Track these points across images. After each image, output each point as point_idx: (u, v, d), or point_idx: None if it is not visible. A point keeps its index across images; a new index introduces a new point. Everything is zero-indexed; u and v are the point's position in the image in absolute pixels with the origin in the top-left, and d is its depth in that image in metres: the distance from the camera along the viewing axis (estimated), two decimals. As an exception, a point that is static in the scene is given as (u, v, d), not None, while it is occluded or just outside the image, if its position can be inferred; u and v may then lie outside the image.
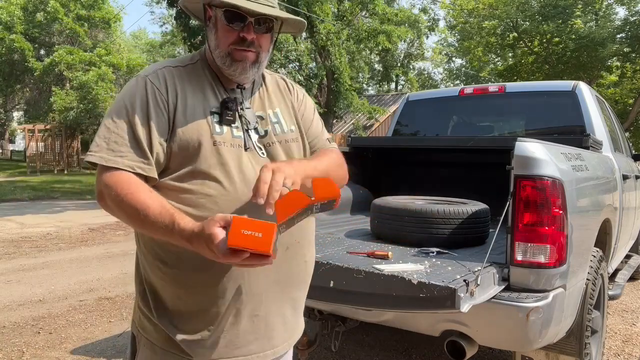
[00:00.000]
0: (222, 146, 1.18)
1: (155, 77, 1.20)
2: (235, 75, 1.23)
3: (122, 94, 1.20)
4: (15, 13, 21.67)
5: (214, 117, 1.21)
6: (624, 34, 17.36)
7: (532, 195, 1.84)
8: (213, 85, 1.26)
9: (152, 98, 1.17)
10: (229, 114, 1.22)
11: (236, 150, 1.20)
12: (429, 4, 26.60)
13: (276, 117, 1.32)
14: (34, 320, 3.77)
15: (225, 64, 1.21)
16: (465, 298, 1.60)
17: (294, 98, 1.40)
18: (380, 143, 4.37)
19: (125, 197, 1.08)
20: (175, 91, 1.20)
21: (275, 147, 1.27)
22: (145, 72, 1.23)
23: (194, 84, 1.23)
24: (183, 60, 1.30)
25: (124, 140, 1.14)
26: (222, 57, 1.21)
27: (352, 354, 3.12)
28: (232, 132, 1.22)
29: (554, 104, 3.63)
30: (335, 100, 14.57)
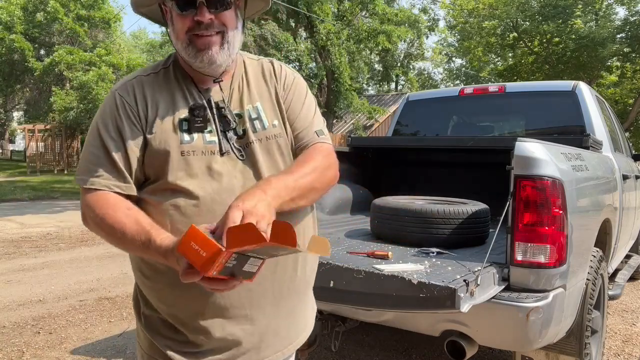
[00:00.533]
0: (191, 156, 1.13)
1: (124, 89, 1.17)
2: (205, 66, 1.14)
3: (98, 111, 1.19)
4: (15, 13, 21.66)
5: (183, 125, 1.15)
6: (624, 34, 17.36)
7: (532, 195, 1.84)
8: (184, 89, 1.19)
9: (122, 112, 1.14)
10: (197, 121, 1.15)
11: (208, 158, 1.14)
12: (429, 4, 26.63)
13: (256, 113, 1.21)
14: (34, 320, 3.77)
15: (190, 55, 1.13)
16: (465, 298, 1.60)
17: (279, 85, 1.27)
18: (380, 143, 4.37)
19: (103, 217, 1.08)
20: (145, 102, 1.15)
21: (253, 147, 1.18)
22: (116, 85, 1.20)
23: (164, 91, 1.18)
24: (156, 65, 1.24)
25: (99, 160, 1.12)
26: (185, 48, 1.13)
27: (352, 354, 3.12)
28: (204, 138, 1.15)
29: (554, 104, 3.64)
30: (335, 100, 14.57)
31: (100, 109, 1.18)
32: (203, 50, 1.12)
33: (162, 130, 1.14)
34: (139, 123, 1.14)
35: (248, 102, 1.22)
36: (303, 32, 15.18)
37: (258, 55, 1.34)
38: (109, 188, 1.11)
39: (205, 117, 1.16)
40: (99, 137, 1.14)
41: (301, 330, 1.33)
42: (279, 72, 1.29)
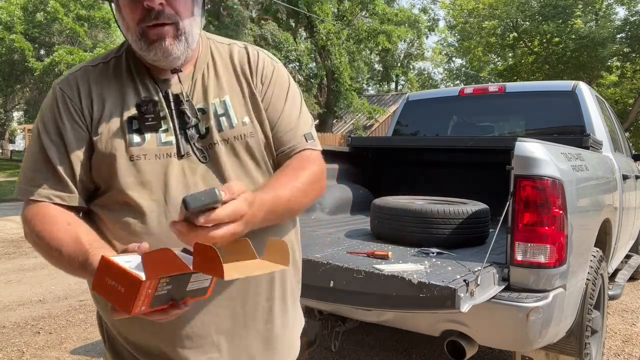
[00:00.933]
0: (142, 160, 0.96)
1: (67, 83, 1.00)
2: (159, 60, 0.97)
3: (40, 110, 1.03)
4: (15, 13, 21.66)
5: (133, 125, 0.98)
6: (624, 34, 17.37)
7: (532, 195, 1.84)
8: (137, 82, 1.01)
9: (64, 110, 0.98)
10: (148, 119, 0.98)
11: (163, 162, 0.97)
12: (429, 4, 26.63)
13: (223, 108, 1.02)
14: (34, 320, 3.76)
15: (142, 48, 0.96)
16: (465, 298, 1.60)
17: (255, 76, 1.07)
18: (380, 143, 4.37)
19: (40, 233, 0.92)
20: (90, 97, 0.99)
21: (218, 149, 1.00)
22: (59, 78, 1.05)
23: (113, 84, 1.01)
24: (107, 54, 1.07)
25: (39, 166, 0.97)
26: (137, 42, 0.96)
27: (352, 354, 3.12)
28: (159, 139, 0.98)
29: (554, 104, 3.64)
30: (335, 100, 14.59)
31: (41, 106, 1.03)
32: (156, 42, 0.95)
33: (109, 130, 0.97)
34: (83, 122, 0.98)
35: (215, 96, 1.03)
36: (303, 32, 15.18)
37: (230, 39, 1.15)
38: (50, 199, 0.96)
39: (157, 113, 0.98)
40: (38, 140, 0.99)
41: (285, 355, 1.14)
42: (254, 61, 1.08)
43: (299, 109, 1.11)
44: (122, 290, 0.73)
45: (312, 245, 2.20)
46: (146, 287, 0.72)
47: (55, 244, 0.90)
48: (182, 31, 0.97)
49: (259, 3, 13.92)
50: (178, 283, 0.76)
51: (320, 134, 15.44)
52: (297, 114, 1.09)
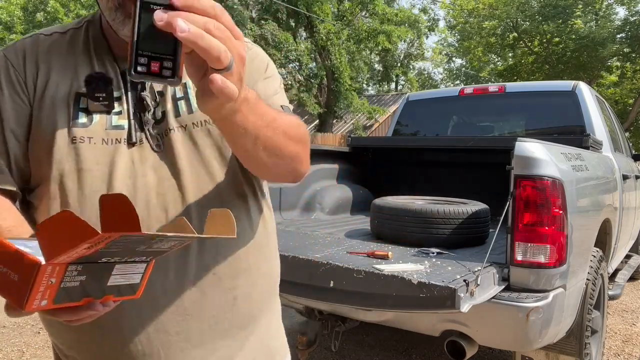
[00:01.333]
0: (85, 143, 0.82)
1: (13, 50, 0.88)
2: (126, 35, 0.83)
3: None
4: (15, 13, 21.68)
5: (80, 102, 0.84)
6: (624, 34, 17.38)
7: (532, 195, 1.84)
8: (92, 56, 0.88)
9: (4, 77, 0.84)
10: (98, 98, 0.84)
11: (110, 148, 0.83)
12: (429, 4, 26.64)
13: (183, 91, 0.90)
14: (34, 320, 3.76)
15: (117, 20, 0.81)
16: (465, 298, 1.60)
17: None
18: (380, 143, 4.37)
19: None
20: (36, 67, 0.86)
21: (173, 136, 0.86)
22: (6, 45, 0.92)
23: (65, 57, 0.87)
24: (65, 25, 0.94)
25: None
26: (111, 11, 0.81)
27: (352, 354, 3.12)
28: (109, 122, 0.84)
29: (554, 104, 3.64)
30: (335, 100, 14.59)
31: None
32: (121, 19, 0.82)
33: (52, 105, 0.83)
34: (25, 94, 0.84)
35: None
36: (303, 32, 15.19)
37: None
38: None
39: (109, 93, 0.85)
40: None
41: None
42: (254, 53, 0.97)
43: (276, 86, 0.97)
44: (15, 278, 0.55)
45: (312, 245, 2.20)
46: (47, 273, 0.53)
47: None
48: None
49: (259, 3, 13.92)
50: (94, 272, 0.58)
51: (320, 134, 15.47)
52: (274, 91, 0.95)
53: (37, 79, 0.85)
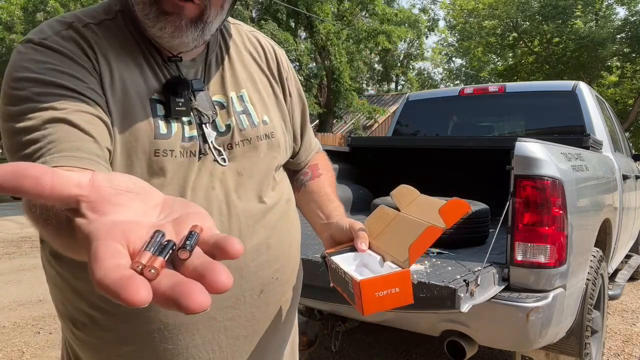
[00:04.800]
0: (168, 157, 0.76)
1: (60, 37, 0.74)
2: (164, 37, 0.76)
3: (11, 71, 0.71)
4: (15, 13, 21.67)
5: (157, 109, 0.76)
6: (624, 34, 17.37)
7: (532, 195, 1.84)
8: (147, 54, 0.79)
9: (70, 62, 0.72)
10: (179, 103, 0.77)
11: (185, 161, 0.78)
12: (429, 4, 26.62)
13: (242, 104, 0.86)
14: (34, 320, 3.76)
15: (149, 16, 0.74)
16: (465, 298, 1.60)
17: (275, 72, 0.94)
18: (380, 143, 4.37)
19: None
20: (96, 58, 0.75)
21: (239, 151, 0.84)
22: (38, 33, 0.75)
23: (120, 52, 0.77)
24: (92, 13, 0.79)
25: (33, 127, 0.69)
26: (145, 7, 0.74)
27: (352, 354, 3.12)
28: (184, 132, 0.78)
29: (554, 104, 3.64)
30: (335, 100, 14.59)
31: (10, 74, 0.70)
32: (170, 15, 0.74)
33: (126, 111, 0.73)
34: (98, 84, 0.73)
35: (232, 87, 0.86)
36: (303, 32, 15.18)
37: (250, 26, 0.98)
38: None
39: (187, 99, 0.78)
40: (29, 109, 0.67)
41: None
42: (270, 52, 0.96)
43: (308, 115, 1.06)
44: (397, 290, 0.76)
45: (312, 245, 2.20)
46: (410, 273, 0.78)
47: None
48: (205, 19, 0.76)
49: (259, 3, 13.92)
50: None
51: (320, 134, 15.47)
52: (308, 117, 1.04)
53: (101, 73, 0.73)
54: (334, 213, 0.98)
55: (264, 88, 0.92)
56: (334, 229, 0.94)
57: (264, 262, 0.87)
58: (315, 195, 1.03)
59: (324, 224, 0.97)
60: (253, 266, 0.85)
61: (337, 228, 0.92)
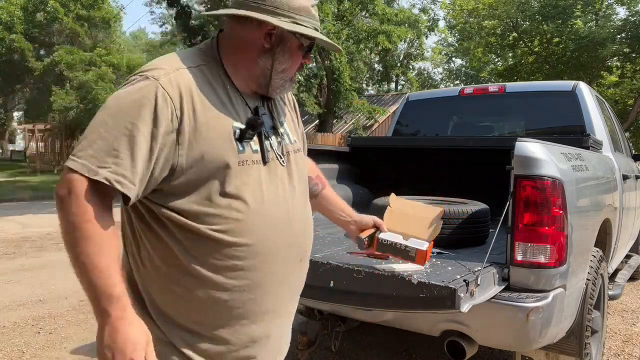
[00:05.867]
0: (246, 165, 1.11)
1: (169, 83, 1.04)
2: (279, 94, 1.24)
3: (126, 94, 1.02)
4: (15, 13, 21.66)
5: (236, 134, 1.11)
6: (624, 34, 17.36)
7: (532, 195, 1.84)
8: (230, 94, 1.14)
9: (162, 108, 1.01)
10: (250, 134, 1.12)
11: (257, 167, 1.13)
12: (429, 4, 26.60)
13: (283, 128, 1.26)
14: (34, 320, 3.77)
15: (285, 87, 1.21)
16: (465, 298, 1.60)
17: (291, 108, 1.38)
18: (380, 143, 4.37)
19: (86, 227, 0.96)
20: (192, 102, 1.05)
21: (289, 157, 1.23)
22: (155, 72, 1.05)
23: (212, 92, 1.10)
24: (193, 57, 1.14)
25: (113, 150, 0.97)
26: (285, 81, 1.20)
27: (352, 354, 3.12)
28: (251, 147, 1.13)
29: (554, 104, 3.64)
30: (335, 100, 14.58)
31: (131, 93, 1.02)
32: (290, 86, 1.25)
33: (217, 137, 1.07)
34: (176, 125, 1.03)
35: (277, 117, 1.27)
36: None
37: None
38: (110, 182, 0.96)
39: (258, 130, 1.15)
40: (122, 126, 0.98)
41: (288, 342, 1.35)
42: (291, 98, 1.40)
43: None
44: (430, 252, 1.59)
45: (312, 245, 2.20)
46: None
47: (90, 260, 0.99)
48: None
49: (259, 3, 13.90)
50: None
51: (320, 134, 15.47)
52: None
53: (194, 115, 1.05)
54: (351, 211, 1.62)
55: (292, 118, 1.35)
56: (359, 222, 1.62)
57: (306, 239, 1.29)
58: (332, 200, 1.58)
59: (347, 220, 1.61)
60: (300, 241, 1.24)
61: (361, 221, 1.62)
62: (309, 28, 1.15)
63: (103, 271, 0.97)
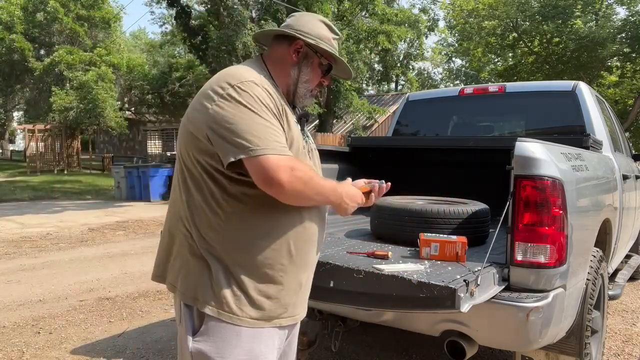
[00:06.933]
0: (304, 150, 1.48)
1: (268, 85, 1.40)
2: (304, 104, 1.56)
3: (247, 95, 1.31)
4: (15, 13, 21.64)
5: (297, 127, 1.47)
6: (624, 34, 17.36)
7: (532, 195, 1.84)
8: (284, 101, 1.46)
9: (277, 102, 1.38)
10: (304, 127, 1.53)
11: (304, 152, 1.48)
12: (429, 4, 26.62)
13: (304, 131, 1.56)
14: (34, 320, 3.77)
15: (306, 96, 1.54)
16: (465, 298, 1.60)
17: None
18: (380, 143, 4.37)
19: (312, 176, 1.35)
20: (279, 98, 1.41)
21: (312, 154, 1.57)
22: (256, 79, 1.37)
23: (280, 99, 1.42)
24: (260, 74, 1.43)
25: (277, 136, 1.31)
26: (307, 92, 1.53)
27: (352, 354, 3.12)
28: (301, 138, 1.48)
29: (554, 104, 3.64)
30: (335, 100, 14.59)
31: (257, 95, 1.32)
32: (311, 98, 1.58)
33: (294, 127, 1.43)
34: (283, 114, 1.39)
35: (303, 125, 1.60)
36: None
37: None
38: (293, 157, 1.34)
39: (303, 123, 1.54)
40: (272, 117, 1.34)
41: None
42: None
43: None
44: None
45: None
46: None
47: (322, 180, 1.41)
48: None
49: (259, 3, 13.91)
50: None
51: (320, 134, 15.47)
52: None
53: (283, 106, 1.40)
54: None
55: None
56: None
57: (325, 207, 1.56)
58: None
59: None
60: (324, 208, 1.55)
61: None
62: (330, 51, 1.52)
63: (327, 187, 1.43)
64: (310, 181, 1.33)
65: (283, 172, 1.26)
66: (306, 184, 1.32)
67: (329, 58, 1.55)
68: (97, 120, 20.06)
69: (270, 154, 1.26)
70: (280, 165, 1.26)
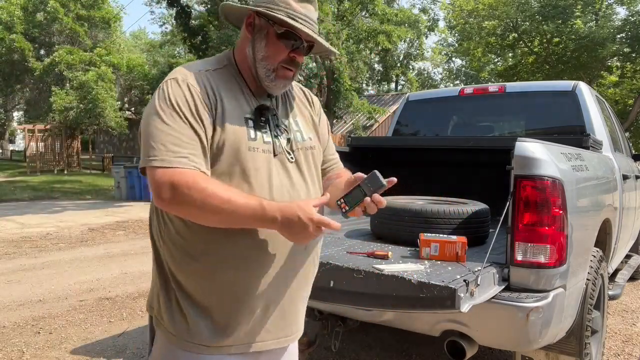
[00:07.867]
0: (256, 152, 1.21)
1: (194, 81, 1.21)
2: (274, 89, 1.28)
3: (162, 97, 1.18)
4: (15, 13, 21.64)
5: (248, 123, 1.23)
6: (624, 34, 17.36)
7: (532, 195, 1.84)
8: (244, 92, 1.28)
9: (198, 101, 1.18)
10: (262, 121, 1.25)
11: (266, 156, 1.23)
12: (429, 4, 26.62)
13: (296, 126, 1.35)
14: (34, 320, 3.77)
15: (269, 77, 1.25)
16: (465, 298, 1.60)
17: (313, 111, 1.46)
18: (380, 143, 4.37)
19: (208, 191, 1.10)
20: (215, 94, 1.21)
21: (299, 153, 1.32)
22: (182, 75, 1.22)
23: (227, 89, 1.25)
24: (211, 63, 1.30)
25: (181, 142, 1.13)
26: (267, 71, 1.25)
27: (352, 354, 3.12)
28: (263, 138, 1.24)
29: (554, 104, 3.63)
30: (335, 100, 14.58)
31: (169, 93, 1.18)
32: (281, 79, 1.26)
33: (232, 124, 1.20)
34: (210, 114, 1.19)
35: (291, 116, 1.36)
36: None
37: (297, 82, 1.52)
38: (193, 168, 1.13)
39: (267, 119, 1.27)
40: (175, 121, 1.15)
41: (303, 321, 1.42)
42: (311, 100, 1.48)
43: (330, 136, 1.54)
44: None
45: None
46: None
47: (226, 197, 1.10)
48: (294, 77, 1.31)
49: (259, 3, 13.90)
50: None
51: (320, 134, 15.45)
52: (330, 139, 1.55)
53: (216, 104, 1.21)
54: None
55: (308, 118, 1.43)
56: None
57: None
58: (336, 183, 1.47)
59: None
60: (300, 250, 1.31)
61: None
62: (281, 16, 1.21)
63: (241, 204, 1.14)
64: (201, 200, 1.08)
65: (163, 188, 1.09)
66: (192, 204, 1.09)
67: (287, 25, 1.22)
68: (97, 120, 20.06)
69: (156, 166, 1.10)
70: (162, 181, 1.09)
